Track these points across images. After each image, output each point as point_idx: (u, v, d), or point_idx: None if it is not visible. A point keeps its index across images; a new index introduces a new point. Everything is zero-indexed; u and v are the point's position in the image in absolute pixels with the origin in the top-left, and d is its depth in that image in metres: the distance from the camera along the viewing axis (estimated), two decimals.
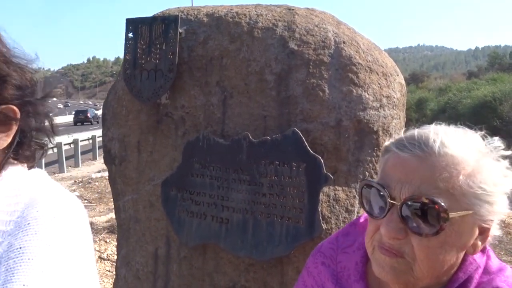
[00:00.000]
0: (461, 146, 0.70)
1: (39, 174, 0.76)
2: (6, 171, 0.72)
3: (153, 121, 2.16)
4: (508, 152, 0.74)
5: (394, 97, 1.93)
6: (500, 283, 0.72)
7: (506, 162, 0.73)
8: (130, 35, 2.10)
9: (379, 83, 1.88)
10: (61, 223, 0.67)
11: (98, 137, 14.92)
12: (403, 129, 0.82)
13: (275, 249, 1.79)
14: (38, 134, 0.76)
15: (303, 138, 1.76)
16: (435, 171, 0.68)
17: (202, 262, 2.07)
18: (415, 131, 0.75)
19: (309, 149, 1.75)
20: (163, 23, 2.04)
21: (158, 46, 2.04)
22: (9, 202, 0.68)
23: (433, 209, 0.67)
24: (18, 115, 0.70)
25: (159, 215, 2.15)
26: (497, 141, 0.74)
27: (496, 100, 21.05)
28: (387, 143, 0.79)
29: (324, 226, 1.77)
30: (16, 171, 0.73)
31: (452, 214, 0.67)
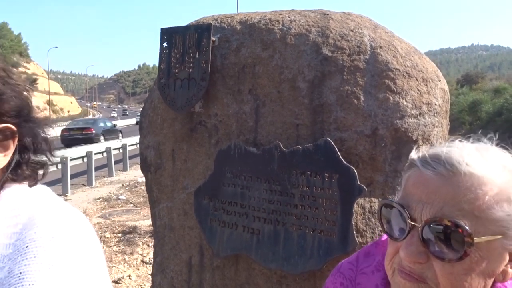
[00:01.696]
0: (488, 165, 0.63)
1: (40, 191, 0.75)
2: (5, 191, 0.71)
3: (187, 130, 2.17)
4: None
5: (435, 104, 1.82)
6: None
7: None
8: (165, 44, 2.13)
9: (418, 90, 1.78)
10: (61, 243, 0.64)
11: (129, 146, 15.35)
12: (448, 138, 0.75)
13: (306, 262, 1.73)
14: (37, 153, 0.75)
15: (336, 148, 1.69)
16: (459, 192, 0.62)
17: (234, 272, 2.05)
18: (439, 149, 0.68)
19: (342, 159, 1.68)
20: (196, 32, 2.04)
21: (191, 54, 2.04)
22: (8, 223, 0.67)
23: (457, 232, 0.61)
24: (16, 134, 0.69)
25: (192, 224, 2.15)
26: None
27: None
28: (412, 155, 0.73)
29: (359, 240, 1.70)
30: (15, 190, 0.72)
31: (477, 239, 0.60)
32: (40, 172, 0.77)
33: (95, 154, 12.40)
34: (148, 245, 5.11)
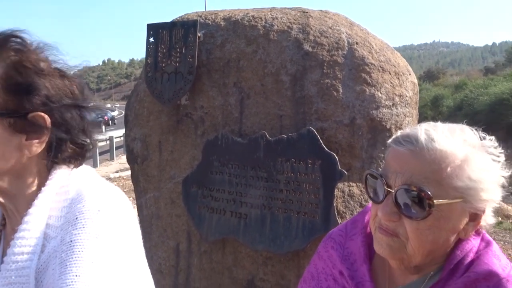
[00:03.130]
0: (451, 141, 0.76)
1: (86, 171, 0.84)
2: (55, 171, 0.79)
3: (173, 122, 2.26)
4: (501, 150, 0.80)
5: (406, 96, 1.99)
6: (487, 256, 0.80)
7: (497, 155, 0.79)
8: (151, 39, 2.20)
9: (391, 82, 1.94)
10: (107, 216, 0.73)
11: (115, 138, 15.14)
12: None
13: (292, 243, 1.86)
14: (74, 135, 0.80)
15: (318, 136, 1.83)
16: (425, 164, 0.76)
17: (221, 256, 2.16)
18: (410, 129, 0.82)
19: (324, 146, 1.82)
20: (183, 28, 2.13)
21: (178, 49, 2.13)
22: (59, 199, 0.76)
23: (421, 196, 0.75)
24: (49, 122, 0.75)
25: (180, 212, 2.25)
26: (491, 139, 0.81)
27: None
28: (389, 140, 0.87)
29: (339, 220, 1.84)
30: (64, 171, 0.80)
31: (438, 202, 0.74)
32: (82, 153, 0.84)
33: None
34: None
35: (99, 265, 0.67)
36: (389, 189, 0.79)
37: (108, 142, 15.75)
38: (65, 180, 0.78)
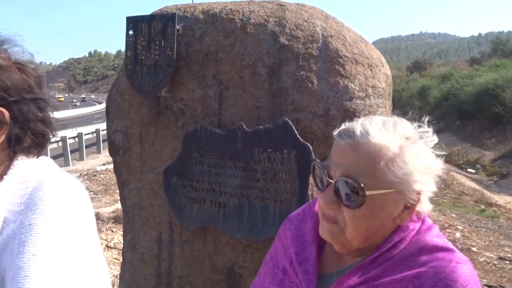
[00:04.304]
0: (385, 135, 0.81)
1: (46, 161, 0.89)
2: (17, 161, 0.84)
3: (154, 114, 2.30)
4: (436, 138, 0.86)
5: (379, 87, 2.05)
6: (426, 237, 0.86)
7: (433, 147, 0.85)
8: (131, 32, 2.23)
9: (364, 74, 2.00)
10: (64, 203, 0.79)
11: (102, 130, 15.07)
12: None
13: (269, 230, 1.92)
14: (32, 126, 0.85)
15: (293, 127, 1.89)
16: (360, 157, 0.81)
17: (202, 244, 2.22)
18: (350, 123, 0.87)
19: (299, 137, 1.88)
20: (161, 21, 2.16)
21: (157, 42, 2.16)
22: (20, 187, 0.81)
23: (355, 187, 0.81)
24: (7, 116, 0.80)
25: (161, 202, 2.30)
26: (427, 128, 0.87)
27: (499, 87, 21.03)
28: (334, 132, 0.92)
29: None
30: (25, 161, 0.85)
31: (369, 192, 0.80)
32: (42, 143, 0.89)
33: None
34: (112, 231, 5.18)
35: (54, 246, 0.73)
36: (330, 180, 0.85)
37: (94, 134, 15.67)
38: (26, 170, 0.83)
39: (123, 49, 2.27)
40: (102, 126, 15.63)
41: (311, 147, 1.87)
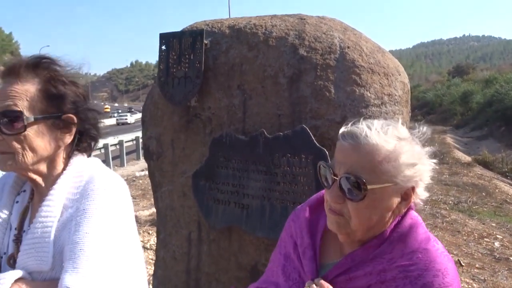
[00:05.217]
0: (382, 137, 0.93)
1: (94, 160, 1.09)
2: (73, 159, 1.05)
3: (184, 121, 2.48)
4: (428, 135, 0.97)
5: (396, 95, 2.14)
6: (411, 231, 0.97)
7: (424, 145, 0.96)
8: (163, 47, 2.43)
9: (380, 83, 2.10)
10: (110, 193, 0.99)
11: (141, 138, 15.67)
12: (408, 124, 1.06)
13: None
14: (90, 131, 1.08)
15: (310, 133, 2.01)
16: (361, 156, 0.93)
17: (228, 243, 2.37)
18: (352, 126, 0.99)
19: (316, 142, 2.00)
20: (191, 36, 2.35)
21: (187, 56, 2.35)
22: (75, 180, 1.01)
23: (358, 182, 0.92)
24: (75, 121, 1.02)
25: (191, 203, 2.47)
26: (422, 128, 0.98)
27: None
28: (340, 131, 1.04)
29: None
30: (79, 159, 1.06)
31: (371, 186, 0.92)
32: (94, 145, 1.11)
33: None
34: (149, 233, 5.44)
35: (103, 226, 0.93)
36: (335, 177, 0.97)
37: (134, 142, 16.26)
38: (80, 166, 1.04)
39: None
40: (140, 134, 16.26)
41: (327, 152, 1.98)
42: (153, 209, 6.60)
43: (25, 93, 0.95)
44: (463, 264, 4.95)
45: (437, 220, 6.82)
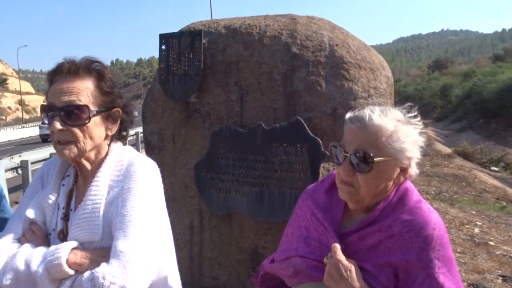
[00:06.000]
0: (383, 118, 1.12)
1: (129, 147, 1.26)
2: (113, 146, 1.21)
3: (184, 117, 2.64)
4: (418, 119, 1.16)
5: (381, 88, 2.34)
6: (408, 195, 1.16)
7: (418, 125, 1.15)
8: (163, 47, 2.58)
9: (367, 77, 2.29)
10: (149, 174, 1.16)
11: (140, 133, 15.80)
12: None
13: (286, 213, 2.23)
14: (127, 122, 1.26)
15: (305, 124, 2.19)
16: (367, 135, 1.12)
17: (229, 229, 2.54)
18: (358, 111, 1.17)
19: (310, 132, 2.18)
20: (190, 36, 2.50)
21: (186, 55, 2.51)
22: (117, 164, 1.17)
23: (366, 157, 1.10)
24: (121, 114, 1.20)
25: (192, 193, 2.63)
26: (412, 113, 1.17)
27: None
28: (346, 116, 1.22)
29: None
30: (118, 145, 1.23)
31: (376, 159, 1.10)
32: (127, 134, 1.29)
33: None
34: None
35: (146, 201, 1.10)
36: (346, 154, 1.16)
37: (134, 137, 16.74)
38: (119, 153, 1.20)
39: (143, 56, 2.66)
40: (140, 129, 16.38)
41: (320, 141, 2.17)
42: None
43: (86, 90, 1.11)
44: None
45: None
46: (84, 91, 1.12)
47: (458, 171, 11.08)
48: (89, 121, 1.11)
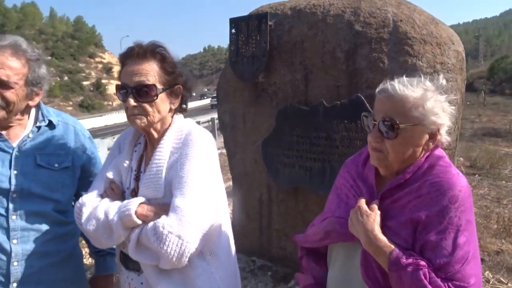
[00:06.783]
0: (410, 89, 1.16)
1: (188, 119, 1.44)
2: (174, 117, 1.40)
3: (253, 96, 2.80)
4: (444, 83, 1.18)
5: (449, 63, 2.27)
6: (439, 160, 1.19)
7: (445, 93, 1.17)
8: (233, 31, 2.75)
9: (432, 52, 2.24)
10: (205, 142, 1.32)
11: (216, 119, 16.43)
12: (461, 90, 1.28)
13: None
14: (187, 97, 1.44)
15: (365, 101, 2.22)
16: (394, 104, 1.16)
17: (295, 203, 2.67)
18: (385, 84, 1.22)
19: (370, 109, 2.20)
20: (257, 19, 2.63)
21: (253, 37, 2.65)
22: (177, 133, 1.35)
23: (392, 124, 1.16)
24: (182, 90, 1.38)
25: (261, 169, 2.80)
26: (441, 80, 1.19)
27: None
28: (377, 88, 1.27)
29: None
30: (179, 117, 1.41)
31: (402, 126, 1.15)
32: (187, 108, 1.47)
33: None
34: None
35: (202, 166, 1.27)
36: (374, 122, 1.22)
37: (210, 123, 17.17)
38: (180, 123, 1.38)
39: None
40: (215, 115, 17.02)
41: None
42: (229, 183, 7.12)
43: (153, 71, 1.30)
44: None
45: None
46: (151, 71, 1.30)
47: None
48: (157, 98, 1.30)
